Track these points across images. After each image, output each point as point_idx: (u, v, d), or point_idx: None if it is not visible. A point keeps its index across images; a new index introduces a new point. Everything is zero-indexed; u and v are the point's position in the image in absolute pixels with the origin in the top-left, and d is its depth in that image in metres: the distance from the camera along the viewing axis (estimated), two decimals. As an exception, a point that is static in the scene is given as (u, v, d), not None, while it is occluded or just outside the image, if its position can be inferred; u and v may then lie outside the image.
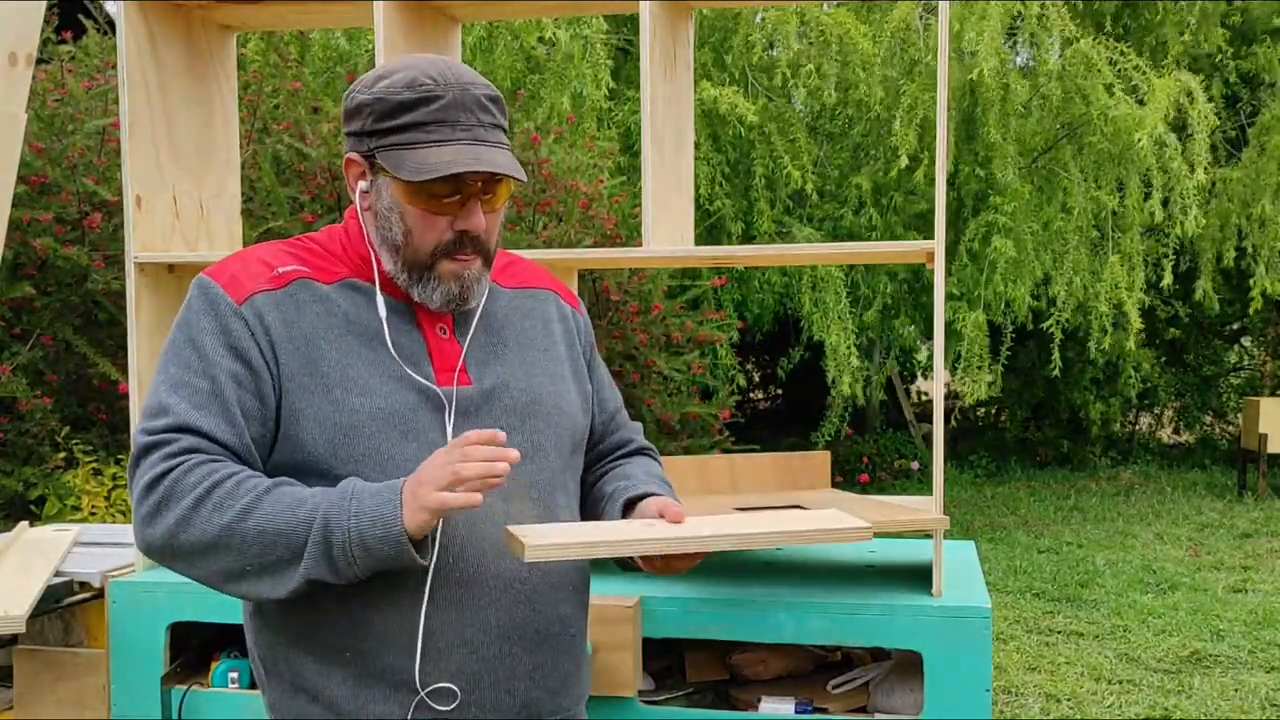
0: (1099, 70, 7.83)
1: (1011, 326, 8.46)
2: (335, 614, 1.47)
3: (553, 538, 1.41)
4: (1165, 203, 8.01)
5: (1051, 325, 8.16)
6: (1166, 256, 8.42)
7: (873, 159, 8.54)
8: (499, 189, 1.52)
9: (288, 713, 1.52)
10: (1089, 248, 8.38)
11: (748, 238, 8.45)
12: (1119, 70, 7.93)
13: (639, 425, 1.84)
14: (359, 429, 1.46)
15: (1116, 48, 8.03)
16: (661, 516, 1.51)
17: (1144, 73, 7.85)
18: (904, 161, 7.54)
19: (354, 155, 1.52)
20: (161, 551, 1.44)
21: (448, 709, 1.48)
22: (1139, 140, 7.43)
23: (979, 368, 7.96)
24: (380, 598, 1.46)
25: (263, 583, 1.41)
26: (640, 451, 1.79)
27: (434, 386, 1.51)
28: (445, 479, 1.35)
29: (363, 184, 1.52)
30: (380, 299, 1.52)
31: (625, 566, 1.62)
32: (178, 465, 1.42)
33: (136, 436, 1.46)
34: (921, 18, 8.19)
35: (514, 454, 1.38)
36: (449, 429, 1.50)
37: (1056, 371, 8.48)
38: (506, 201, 1.55)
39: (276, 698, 1.53)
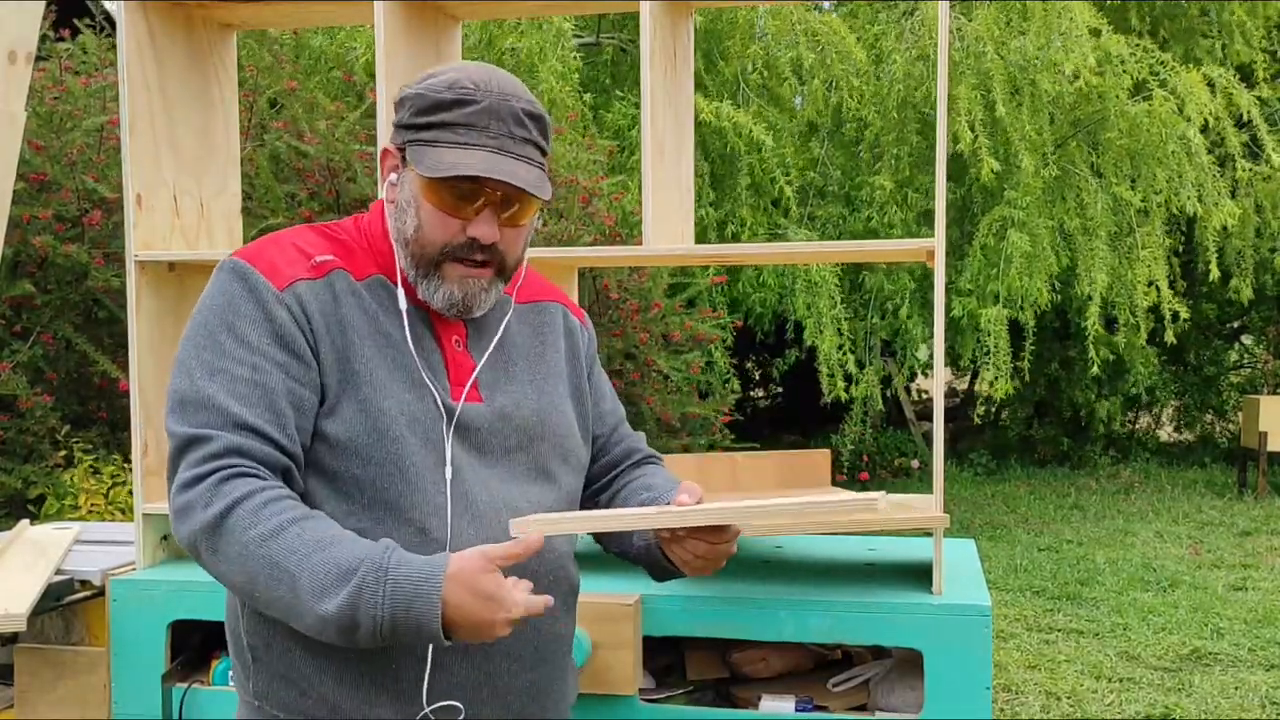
0: (1126, 67, 7.81)
1: (1034, 322, 8.41)
2: None
3: (548, 518, 1.43)
4: (1200, 198, 7.99)
5: (1089, 323, 8.09)
6: (1206, 251, 8.38)
7: (893, 158, 8.49)
8: (524, 205, 1.49)
9: (278, 702, 1.50)
10: (1110, 243, 8.34)
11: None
12: (1150, 68, 7.91)
13: (642, 435, 1.83)
14: (385, 432, 1.45)
15: (1141, 45, 8.01)
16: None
17: (1174, 68, 7.83)
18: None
19: (390, 146, 1.52)
20: (194, 550, 1.40)
21: None
22: (1175, 134, 7.39)
23: (997, 366, 7.91)
24: None
25: (290, 609, 1.34)
26: (648, 460, 1.78)
27: (450, 401, 1.50)
28: (486, 634, 1.32)
29: (392, 175, 1.52)
30: (404, 303, 1.51)
31: (660, 578, 1.64)
32: (215, 471, 1.37)
33: (173, 428, 1.41)
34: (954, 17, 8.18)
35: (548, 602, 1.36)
36: (447, 445, 1.49)
37: (1095, 369, 8.42)
38: (532, 219, 1.53)
39: (265, 685, 1.50)
